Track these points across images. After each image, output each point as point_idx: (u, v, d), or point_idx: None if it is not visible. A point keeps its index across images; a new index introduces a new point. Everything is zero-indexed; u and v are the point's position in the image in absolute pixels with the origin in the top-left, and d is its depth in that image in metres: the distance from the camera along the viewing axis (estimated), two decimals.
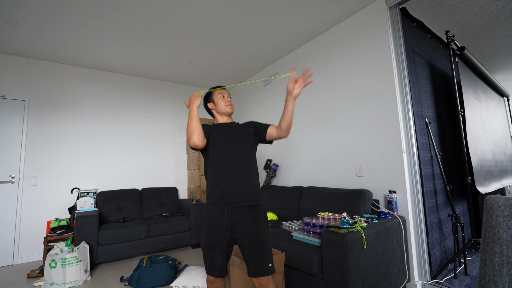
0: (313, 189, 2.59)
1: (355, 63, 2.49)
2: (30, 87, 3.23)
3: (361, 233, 1.66)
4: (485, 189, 2.48)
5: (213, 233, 1.35)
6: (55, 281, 2.21)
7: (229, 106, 1.55)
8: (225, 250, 1.36)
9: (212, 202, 1.38)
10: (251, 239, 1.32)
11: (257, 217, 1.37)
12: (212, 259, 1.35)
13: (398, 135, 2.13)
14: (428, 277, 2.02)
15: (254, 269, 1.31)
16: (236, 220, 1.35)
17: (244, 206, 1.36)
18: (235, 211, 1.35)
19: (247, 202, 1.37)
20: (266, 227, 1.38)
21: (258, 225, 1.35)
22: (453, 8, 2.49)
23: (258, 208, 1.40)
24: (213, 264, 1.35)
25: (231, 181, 1.37)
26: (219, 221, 1.35)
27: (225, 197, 1.36)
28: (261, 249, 1.32)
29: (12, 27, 2.58)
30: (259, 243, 1.32)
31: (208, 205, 1.40)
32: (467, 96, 2.61)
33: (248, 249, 1.33)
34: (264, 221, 1.39)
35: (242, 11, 2.44)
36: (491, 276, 0.69)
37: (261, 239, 1.33)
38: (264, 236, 1.35)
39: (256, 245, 1.32)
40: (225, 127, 1.50)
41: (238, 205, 1.35)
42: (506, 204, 0.68)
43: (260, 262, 1.31)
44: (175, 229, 3.17)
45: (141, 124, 3.95)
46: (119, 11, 2.38)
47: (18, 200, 3.04)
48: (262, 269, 1.30)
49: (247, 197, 1.38)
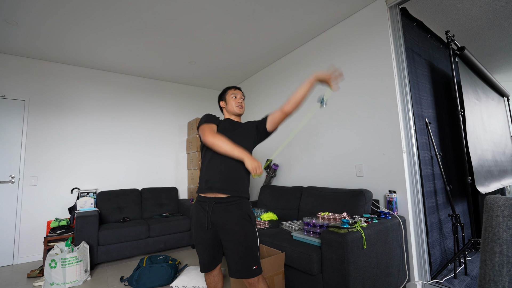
0: (313, 189, 2.59)
1: (355, 63, 2.49)
2: (30, 87, 3.23)
3: (361, 233, 1.66)
4: (485, 189, 2.48)
5: (198, 229, 1.38)
6: (55, 281, 2.21)
7: (238, 107, 1.57)
8: (210, 248, 1.37)
9: (198, 190, 1.42)
10: (234, 243, 1.30)
11: (239, 220, 1.33)
12: (199, 254, 1.42)
13: (398, 135, 2.13)
14: (428, 277, 2.02)
15: (234, 271, 1.30)
16: (219, 221, 1.33)
17: (225, 201, 1.33)
18: (217, 209, 1.33)
19: (228, 191, 1.34)
20: (251, 230, 1.34)
21: (241, 228, 1.32)
22: (453, 8, 2.49)
23: (241, 204, 1.36)
24: (200, 259, 1.43)
25: (218, 167, 1.37)
26: (203, 218, 1.36)
27: (208, 182, 1.36)
28: (244, 252, 1.29)
29: (12, 27, 2.58)
30: (242, 247, 1.30)
31: (196, 198, 1.45)
32: (467, 96, 2.60)
33: (230, 251, 1.31)
34: (247, 223, 1.34)
35: (242, 11, 2.44)
36: (491, 276, 0.69)
37: (245, 243, 1.30)
38: (248, 240, 1.31)
39: (239, 249, 1.30)
40: (228, 122, 1.54)
41: (219, 192, 1.33)
42: (506, 204, 0.68)
43: (243, 265, 1.29)
44: (175, 229, 3.17)
45: (141, 124, 3.95)
46: (119, 10, 2.38)
47: (18, 200, 3.04)
48: (243, 271, 1.28)
49: (230, 186, 1.35)
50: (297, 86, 3.17)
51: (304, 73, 3.05)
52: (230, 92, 1.60)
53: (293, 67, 3.24)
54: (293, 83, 3.22)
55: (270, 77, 3.66)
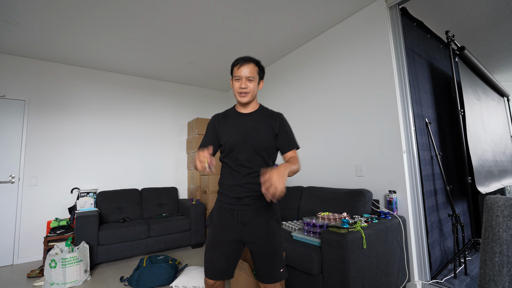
0: (313, 189, 2.59)
1: (355, 63, 2.49)
2: (30, 87, 3.23)
3: (361, 233, 1.66)
4: (486, 189, 2.48)
5: (221, 230, 1.25)
6: (55, 281, 2.21)
7: (241, 94, 1.23)
8: (229, 251, 1.23)
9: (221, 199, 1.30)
10: (262, 245, 1.22)
11: (269, 220, 1.25)
12: (213, 258, 1.23)
13: (398, 135, 2.13)
14: (428, 277, 2.02)
15: (263, 275, 1.22)
16: (247, 221, 1.23)
17: (257, 205, 1.24)
18: (246, 211, 1.24)
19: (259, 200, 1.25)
20: (279, 231, 1.27)
21: (270, 229, 1.24)
22: (453, 8, 2.49)
23: (272, 208, 1.28)
24: (212, 264, 1.23)
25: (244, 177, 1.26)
26: (229, 219, 1.24)
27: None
28: (273, 255, 1.22)
29: (12, 27, 2.58)
30: (271, 249, 1.22)
31: (218, 201, 1.31)
32: (467, 96, 2.60)
33: (258, 254, 1.22)
34: (277, 224, 1.28)
35: (242, 11, 2.44)
36: (491, 276, 0.68)
37: (273, 244, 1.23)
38: (276, 240, 1.24)
39: (267, 250, 1.22)
40: (235, 117, 1.30)
41: (250, 203, 1.23)
42: (506, 204, 0.68)
43: (272, 270, 1.21)
44: (175, 229, 3.17)
45: (141, 124, 3.94)
46: (119, 11, 2.38)
47: (18, 200, 3.04)
48: (272, 275, 1.21)
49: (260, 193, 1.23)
50: (297, 86, 3.17)
51: (304, 73, 3.05)
52: (234, 71, 1.24)
53: (293, 67, 3.24)
54: (293, 83, 3.22)
55: (270, 77, 3.66)
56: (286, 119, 1.33)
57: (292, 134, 1.32)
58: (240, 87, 1.22)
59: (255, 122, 1.27)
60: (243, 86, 1.21)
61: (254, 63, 1.24)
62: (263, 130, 1.25)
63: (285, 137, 1.28)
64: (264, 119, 1.28)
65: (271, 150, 1.28)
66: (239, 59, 1.24)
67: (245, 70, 1.21)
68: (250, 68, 1.22)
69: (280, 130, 1.27)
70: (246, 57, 1.24)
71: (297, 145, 1.30)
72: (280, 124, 1.28)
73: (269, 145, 1.26)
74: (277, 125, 1.27)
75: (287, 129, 1.30)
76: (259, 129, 1.25)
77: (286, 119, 1.33)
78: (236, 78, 1.23)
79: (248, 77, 1.22)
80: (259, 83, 1.29)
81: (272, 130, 1.27)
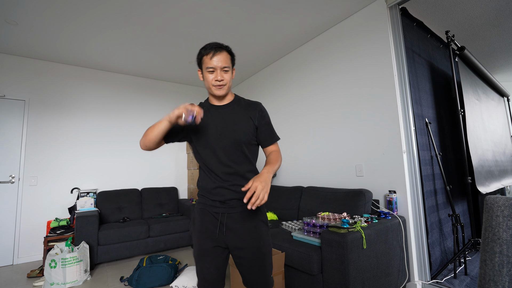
0: (313, 189, 2.59)
1: (355, 63, 2.49)
2: (30, 87, 3.23)
3: (361, 233, 1.66)
4: (486, 189, 2.48)
5: (205, 236, 1.14)
6: (55, 281, 2.21)
7: (218, 87, 1.11)
8: (217, 258, 1.13)
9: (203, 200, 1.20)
10: (251, 251, 1.13)
11: (258, 223, 1.15)
12: (202, 269, 1.12)
13: (398, 135, 2.13)
14: (428, 277, 2.02)
15: (253, 283, 1.15)
16: (233, 225, 1.13)
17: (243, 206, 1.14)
18: (232, 213, 1.14)
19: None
20: (267, 234, 1.18)
21: (259, 233, 1.14)
22: (453, 8, 2.49)
23: (259, 209, 1.18)
24: (202, 277, 1.12)
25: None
26: (213, 221, 1.14)
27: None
28: (263, 260, 1.14)
29: (12, 27, 2.58)
30: (260, 254, 1.13)
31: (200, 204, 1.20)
32: (467, 96, 2.60)
33: (247, 260, 1.13)
34: (265, 226, 1.18)
35: (242, 11, 2.44)
36: (491, 276, 0.68)
37: (262, 249, 1.14)
38: (265, 245, 1.15)
39: (257, 256, 1.13)
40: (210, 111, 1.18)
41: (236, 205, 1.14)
42: (506, 204, 0.68)
43: (263, 276, 1.14)
44: (175, 229, 3.17)
45: (141, 124, 3.94)
46: (119, 11, 2.38)
47: (18, 200, 3.04)
48: (264, 282, 1.15)
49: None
50: (296, 86, 3.16)
51: (304, 73, 3.05)
52: (205, 61, 1.10)
53: (293, 67, 3.24)
54: (293, 83, 3.22)
55: (270, 77, 3.66)
56: (265, 109, 1.22)
57: (272, 125, 1.22)
58: (216, 79, 1.09)
59: (233, 114, 1.15)
60: (219, 78, 1.09)
61: (227, 51, 1.12)
62: (242, 123, 1.14)
63: (266, 129, 1.19)
64: (242, 110, 1.17)
65: (252, 145, 1.17)
66: (209, 47, 1.09)
67: (219, 60, 1.08)
68: (223, 57, 1.09)
69: (260, 121, 1.17)
70: (217, 44, 1.10)
71: (278, 137, 1.23)
72: (260, 114, 1.17)
73: (250, 139, 1.15)
74: (256, 116, 1.17)
75: (267, 120, 1.20)
76: (237, 122, 1.14)
77: (266, 108, 1.24)
78: (210, 69, 1.09)
79: (223, 67, 1.09)
80: (232, 72, 1.17)
81: (252, 122, 1.16)
